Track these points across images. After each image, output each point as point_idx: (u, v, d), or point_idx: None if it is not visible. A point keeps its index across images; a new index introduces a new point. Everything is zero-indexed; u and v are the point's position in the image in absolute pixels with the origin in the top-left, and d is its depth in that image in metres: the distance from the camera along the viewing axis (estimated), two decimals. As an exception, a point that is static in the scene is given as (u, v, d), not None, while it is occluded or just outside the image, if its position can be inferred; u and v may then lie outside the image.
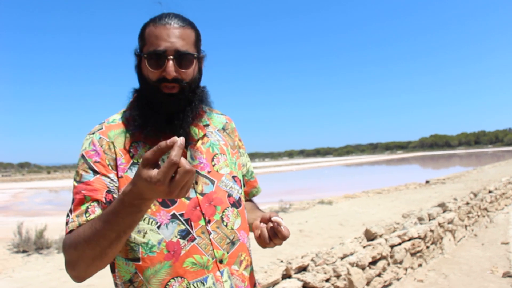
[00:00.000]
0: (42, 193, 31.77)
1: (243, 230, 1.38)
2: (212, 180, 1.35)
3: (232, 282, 1.30)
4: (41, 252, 7.33)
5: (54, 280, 5.86)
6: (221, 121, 1.53)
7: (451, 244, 6.47)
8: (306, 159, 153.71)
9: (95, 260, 1.13)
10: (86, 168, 1.25)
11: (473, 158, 69.84)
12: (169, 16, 1.29)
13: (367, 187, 18.76)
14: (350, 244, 4.65)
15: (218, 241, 1.30)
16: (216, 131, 1.48)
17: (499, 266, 5.44)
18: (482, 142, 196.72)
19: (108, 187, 1.23)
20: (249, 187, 1.60)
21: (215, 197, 1.33)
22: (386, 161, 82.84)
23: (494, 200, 9.46)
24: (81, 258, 1.13)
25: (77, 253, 1.13)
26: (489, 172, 23.52)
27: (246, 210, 1.50)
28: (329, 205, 13.03)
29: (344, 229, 8.86)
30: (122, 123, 1.34)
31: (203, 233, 1.28)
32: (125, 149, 1.29)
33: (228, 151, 1.46)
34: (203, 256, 1.27)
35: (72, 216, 1.20)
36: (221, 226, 1.32)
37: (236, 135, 1.55)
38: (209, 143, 1.42)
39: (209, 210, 1.31)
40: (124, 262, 1.27)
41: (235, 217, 1.36)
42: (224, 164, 1.41)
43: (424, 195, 14.52)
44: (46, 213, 16.98)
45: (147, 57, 1.26)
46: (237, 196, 1.40)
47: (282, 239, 1.27)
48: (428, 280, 5.04)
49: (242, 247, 1.36)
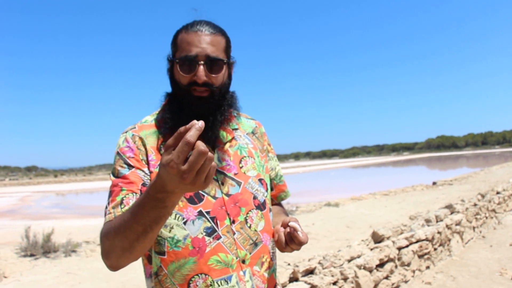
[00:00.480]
0: (49, 197, 31.92)
1: (266, 232, 1.40)
2: (238, 181, 1.39)
3: (253, 282, 1.33)
4: (49, 256, 7.35)
5: (62, 284, 5.88)
6: (250, 125, 1.57)
7: (459, 246, 6.42)
8: (312, 161, 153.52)
9: (125, 252, 1.15)
10: (122, 164, 1.32)
11: (480, 159, 69.39)
12: (200, 23, 1.35)
13: (374, 189, 18.69)
14: (357, 246, 4.63)
15: (241, 242, 1.33)
16: (245, 135, 1.52)
17: (508, 268, 5.39)
18: (489, 142, 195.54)
19: (143, 179, 1.29)
20: (278, 191, 1.63)
21: (240, 199, 1.36)
22: (392, 163, 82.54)
23: (502, 201, 9.38)
24: (112, 249, 1.17)
25: (109, 242, 1.17)
26: (497, 173, 23.35)
27: (272, 213, 1.52)
28: (335, 207, 12.99)
29: (351, 231, 8.83)
30: (154, 124, 1.40)
31: (228, 232, 1.31)
32: (156, 147, 1.35)
33: (256, 154, 1.50)
34: (228, 255, 1.30)
35: (109, 207, 1.26)
36: (245, 227, 1.34)
37: (265, 139, 1.59)
38: (237, 146, 1.46)
39: (234, 211, 1.34)
40: (154, 255, 1.31)
41: (259, 219, 1.39)
42: (252, 167, 1.45)
43: (431, 196, 14.44)
44: (53, 216, 17.06)
45: (179, 62, 1.32)
46: (262, 198, 1.43)
47: (298, 244, 1.29)
48: (436, 282, 5.00)
49: (264, 249, 1.38)
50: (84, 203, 25.35)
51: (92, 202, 26.08)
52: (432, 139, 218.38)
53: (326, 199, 14.99)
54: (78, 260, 7.26)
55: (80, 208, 21.30)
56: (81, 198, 29.99)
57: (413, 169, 51.29)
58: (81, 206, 22.37)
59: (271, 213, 1.48)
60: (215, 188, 1.35)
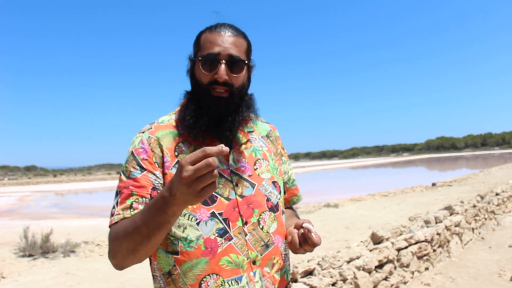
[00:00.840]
0: (48, 197, 31.87)
1: (279, 234, 1.42)
2: (252, 183, 1.41)
3: (263, 283, 1.34)
4: (47, 256, 7.35)
5: (60, 284, 5.88)
6: (265, 129, 1.59)
7: (458, 247, 6.42)
8: (312, 162, 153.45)
9: (130, 254, 1.22)
10: (135, 165, 1.33)
11: (479, 160, 69.42)
12: (224, 25, 1.39)
13: (373, 190, 18.70)
14: (357, 247, 4.63)
15: (253, 243, 1.35)
16: (260, 138, 1.54)
17: (507, 269, 5.39)
18: (489, 144, 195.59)
19: (154, 184, 1.31)
20: (290, 195, 1.64)
21: (253, 200, 1.38)
22: (392, 164, 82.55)
23: (501, 202, 9.39)
24: (119, 250, 1.23)
25: (117, 243, 1.23)
26: (496, 174, 23.37)
27: (285, 216, 1.53)
28: (335, 208, 13.00)
29: (350, 232, 8.83)
30: (171, 124, 1.42)
31: (240, 234, 1.33)
32: (171, 148, 1.36)
33: (271, 157, 1.52)
34: (239, 256, 1.31)
35: (118, 209, 1.29)
36: (257, 229, 1.36)
37: (279, 143, 1.61)
38: (252, 148, 1.48)
39: (247, 212, 1.36)
40: (165, 255, 1.33)
41: (272, 221, 1.40)
42: (266, 169, 1.47)
43: (431, 198, 14.45)
44: (52, 216, 17.05)
45: (201, 60, 1.36)
46: (276, 201, 1.45)
47: (312, 246, 1.31)
48: (435, 283, 5.00)
49: (276, 250, 1.39)
50: (83, 203, 25.33)
51: (91, 202, 26.08)
52: (431, 140, 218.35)
53: (326, 200, 14.98)
54: (77, 260, 7.26)
55: (79, 208, 21.28)
56: (80, 198, 29.95)
57: (413, 170, 51.31)
58: (80, 206, 22.35)
59: (283, 215, 1.49)
60: (229, 189, 1.36)
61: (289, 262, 1.47)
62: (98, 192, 36.17)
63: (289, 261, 1.47)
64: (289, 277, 1.44)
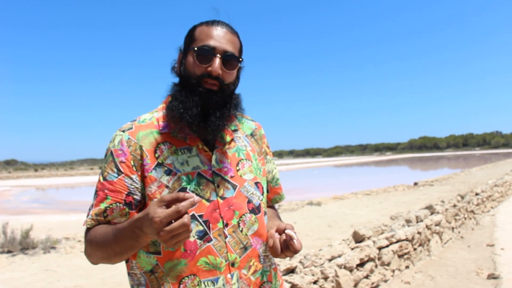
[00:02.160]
0: (29, 191, 31.42)
1: (258, 236, 1.42)
2: (234, 185, 1.40)
3: (239, 285, 1.35)
4: (27, 253, 7.24)
5: (40, 281, 5.80)
6: (250, 127, 1.59)
7: (438, 246, 6.51)
8: (296, 160, 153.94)
9: (104, 260, 1.32)
10: (113, 167, 1.34)
11: (461, 160, 70.52)
12: (221, 22, 1.41)
13: (356, 188, 18.85)
14: (338, 246, 4.67)
15: (233, 245, 1.35)
16: (244, 137, 1.54)
17: (485, 268, 5.49)
18: (470, 144, 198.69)
19: (129, 189, 1.33)
20: (273, 194, 1.65)
21: (234, 202, 1.38)
22: (375, 162, 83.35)
23: (481, 202, 9.55)
24: (94, 254, 1.32)
25: (91, 249, 1.32)
26: (477, 174, 23.77)
27: (267, 217, 1.53)
28: (318, 206, 13.07)
29: (332, 230, 8.89)
30: (152, 123, 1.41)
31: (219, 236, 1.33)
32: (151, 150, 1.36)
33: (254, 157, 1.52)
34: (217, 258, 1.32)
35: (92, 213, 1.33)
36: (237, 231, 1.36)
37: (264, 141, 1.61)
38: (236, 148, 1.47)
39: (228, 214, 1.36)
40: (146, 255, 1.34)
41: (252, 223, 1.40)
42: (248, 170, 1.46)
43: (412, 197, 14.63)
44: (33, 211, 16.82)
45: (196, 51, 1.35)
46: (257, 202, 1.44)
47: (293, 252, 1.32)
48: (415, 282, 5.07)
49: (253, 253, 1.39)
50: (64, 198, 25.04)
51: (73, 197, 25.79)
52: (414, 139, 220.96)
53: (309, 198, 15.07)
54: (58, 256, 7.17)
55: (61, 203, 21.03)
56: (62, 193, 29.62)
57: (395, 169, 51.88)
58: (62, 201, 22.09)
59: (265, 216, 1.49)
60: (210, 191, 1.36)
61: (270, 263, 1.46)
62: (80, 187, 35.81)
63: (270, 262, 1.46)
64: (265, 278, 1.43)
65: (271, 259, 1.46)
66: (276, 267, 1.52)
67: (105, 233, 1.27)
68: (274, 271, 1.47)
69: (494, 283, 4.87)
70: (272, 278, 1.45)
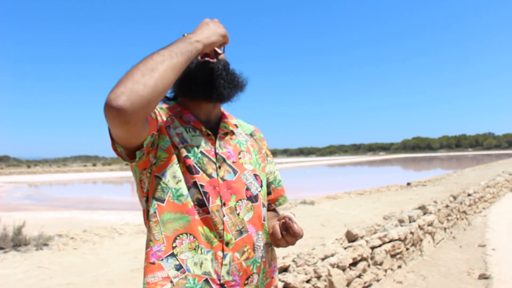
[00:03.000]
0: (22, 188, 31.24)
1: (253, 224, 1.43)
2: (235, 170, 1.44)
3: (230, 267, 1.35)
4: (19, 249, 7.20)
5: (32, 278, 5.78)
6: (249, 128, 1.66)
7: (430, 246, 6.56)
8: (289, 159, 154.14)
9: (145, 75, 1.11)
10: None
11: (453, 161, 70.86)
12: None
13: (349, 188, 18.89)
14: (331, 245, 4.68)
15: (229, 225, 1.36)
16: (244, 134, 1.61)
17: (476, 268, 5.53)
18: (463, 145, 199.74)
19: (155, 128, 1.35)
20: (276, 195, 1.68)
21: (233, 186, 1.41)
22: (368, 162, 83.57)
23: (473, 203, 9.62)
24: (131, 74, 1.11)
25: (130, 71, 1.12)
26: (469, 175, 23.90)
27: (268, 218, 1.55)
28: (311, 205, 13.09)
29: (325, 230, 8.92)
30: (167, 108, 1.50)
31: (217, 211, 1.35)
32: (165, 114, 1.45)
33: (254, 152, 1.58)
34: (212, 232, 1.34)
35: None
36: (234, 213, 1.38)
37: (264, 143, 1.68)
38: (237, 141, 1.53)
39: (226, 195, 1.39)
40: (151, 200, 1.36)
41: (248, 210, 1.42)
42: (249, 161, 1.51)
43: (405, 197, 14.68)
44: (25, 208, 16.71)
45: None
46: (255, 192, 1.47)
47: (293, 235, 1.34)
48: (407, 281, 5.10)
49: (248, 239, 1.40)
50: (57, 195, 24.89)
51: (66, 194, 25.66)
52: (408, 140, 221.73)
53: (302, 197, 15.08)
54: (50, 253, 7.14)
55: (54, 200, 20.90)
56: (54, 190, 29.44)
57: (389, 169, 52.05)
58: (55, 198, 21.96)
59: (264, 208, 1.50)
60: (211, 169, 1.40)
61: (262, 255, 1.45)
62: (73, 184, 35.63)
63: (262, 254, 1.45)
64: (255, 268, 1.42)
65: (263, 250, 1.46)
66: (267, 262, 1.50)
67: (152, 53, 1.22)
68: (264, 265, 1.46)
69: (485, 283, 4.91)
70: (261, 271, 1.45)
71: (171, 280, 1.29)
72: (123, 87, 1.08)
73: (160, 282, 1.29)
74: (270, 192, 1.65)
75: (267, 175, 1.63)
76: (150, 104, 1.13)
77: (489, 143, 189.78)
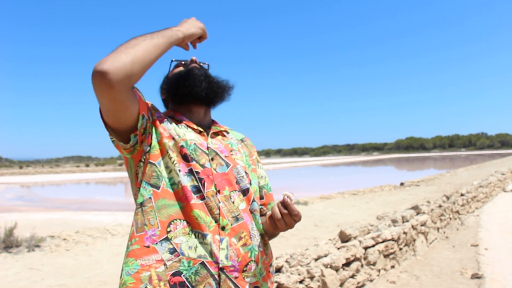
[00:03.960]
0: (13, 189, 31.02)
1: (247, 213, 1.47)
2: (227, 163, 1.50)
3: (228, 252, 1.37)
4: (10, 251, 7.14)
5: (24, 279, 5.73)
6: (239, 136, 1.73)
7: (423, 246, 6.58)
8: (283, 159, 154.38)
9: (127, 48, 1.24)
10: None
11: (447, 161, 71.25)
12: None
13: (343, 188, 18.93)
14: (325, 245, 4.68)
15: (225, 212, 1.41)
16: (235, 139, 1.67)
17: (469, 267, 5.55)
18: (456, 145, 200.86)
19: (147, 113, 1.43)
20: (268, 199, 1.72)
21: (225, 178, 1.46)
22: (362, 162, 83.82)
23: (466, 203, 9.66)
24: (115, 49, 1.24)
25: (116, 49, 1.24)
26: (462, 175, 24.04)
27: (262, 223, 1.58)
28: (304, 205, 13.10)
29: (319, 230, 8.92)
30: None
31: (212, 196, 1.40)
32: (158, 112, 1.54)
33: (244, 154, 1.63)
34: (207, 216, 1.38)
35: None
36: (229, 201, 1.43)
37: (254, 150, 1.73)
38: (229, 141, 1.59)
39: (220, 184, 1.43)
40: (145, 186, 1.40)
41: (241, 201, 1.47)
42: (240, 159, 1.56)
43: (399, 197, 14.73)
44: (17, 209, 16.59)
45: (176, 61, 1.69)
46: (245, 186, 1.51)
47: (292, 215, 1.36)
48: (400, 281, 5.11)
49: (244, 225, 1.44)
50: (50, 196, 24.74)
51: (58, 195, 25.51)
52: (401, 140, 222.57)
53: (295, 197, 15.07)
54: (42, 255, 7.09)
55: (46, 201, 20.77)
56: (47, 191, 29.26)
57: (382, 169, 52.24)
58: (47, 199, 21.82)
59: (254, 203, 1.54)
60: (204, 159, 1.44)
61: (258, 244, 1.49)
62: (66, 185, 35.44)
63: (258, 243, 1.49)
64: (253, 256, 1.44)
65: (258, 240, 1.49)
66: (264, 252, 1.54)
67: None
68: (261, 255, 1.49)
69: (478, 283, 4.93)
70: (259, 260, 1.48)
71: (164, 263, 1.32)
72: (108, 56, 1.21)
73: (154, 265, 1.32)
74: (262, 196, 1.69)
75: (259, 179, 1.68)
76: (133, 71, 1.23)
77: (482, 143, 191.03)
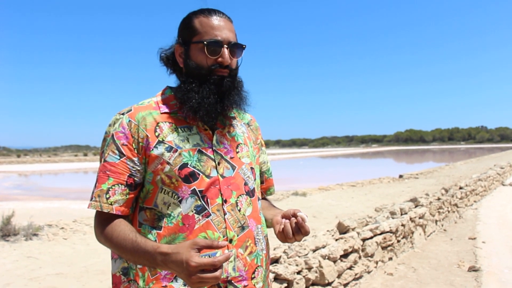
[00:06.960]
0: (11, 177, 30.99)
1: (253, 218, 1.47)
2: (233, 165, 1.46)
3: (235, 264, 1.38)
4: (8, 240, 7.13)
5: (21, 268, 5.72)
6: (246, 117, 1.67)
7: (421, 238, 6.58)
8: (282, 150, 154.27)
9: (114, 252, 1.40)
10: (114, 149, 1.38)
11: (446, 154, 71.34)
12: (217, 11, 1.47)
13: (342, 179, 18.94)
14: (323, 236, 4.67)
15: (231, 223, 1.40)
16: (242, 124, 1.62)
17: (466, 260, 5.56)
18: (455, 138, 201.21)
19: (131, 171, 1.37)
20: (268, 185, 1.73)
21: (232, 182, 1.44)
22: (361, 154, 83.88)
23: (464, 196, 9.66)
24: (106, 245, 1.37)
25: (105, 242, 1.36)
26: (461, 168, 24.07)
27: (263, 207, 1.60)
28: (303, 196, 13.10)
29: (317, 221, 8.92)
30: (151, 105, 1.45)
31: (218, 211, 1.38)
32: (151, 129, 1.40)
33: (250, 144, 1.59)
34: (215, 233, 1.36)
35: (95, 194, 1.36)
36: (235, 210, 1.41)
37: (259, 133, 1.70)
38: (235, 133, 1.54)
39: (227, 192, 1.41)
40: (149, 230, 1.39)
41: (248, 205, 1.46)
42: (246, 155, 1.53)
43: (397, 189, 14.75)
44: (15, 198, 16.60)
45: (207, 45, 1.41)
46: (252, 186, 1.50)
47: (304, 234, 1.38)
48: (398, 273, 5.11)
49: (250, 233, 1.44)
50: (48, 184, 24.74)
51: (56, 184, 25.52)
52: (400, 132, 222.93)
53: (294, 188, 15.08)
54: (40, 244, 7.08)
55: (44, 190, 20.77)
56: (45, 180, 29.27)
57: (381, 162, 52.29)
58: (45, 188, 21.82)
59: (259, 201, 1.54)
60: (210, 167, 1.41)
61: (262, 248, 1.50)
62: (64, 174, 35.45)
63: (262, 246, 1.50)
64: (259, 261, 1.47)
65: (262, 243, 1.50)
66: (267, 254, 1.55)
67: (124, 240, 1.31)
68: (265, 257, 1.51)
69: (475, 275, 4.94)
70: (264, 263, 1.49)
71: None
72: (98, 238, 1.41)
73: None
74: (262, 182, 1.70)
75: (261, 165, 1.68)
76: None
77: (481, 136, 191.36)
